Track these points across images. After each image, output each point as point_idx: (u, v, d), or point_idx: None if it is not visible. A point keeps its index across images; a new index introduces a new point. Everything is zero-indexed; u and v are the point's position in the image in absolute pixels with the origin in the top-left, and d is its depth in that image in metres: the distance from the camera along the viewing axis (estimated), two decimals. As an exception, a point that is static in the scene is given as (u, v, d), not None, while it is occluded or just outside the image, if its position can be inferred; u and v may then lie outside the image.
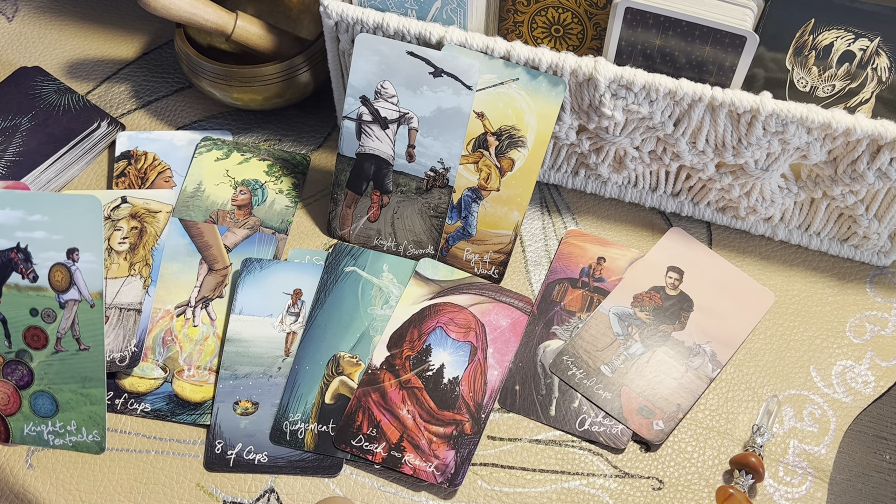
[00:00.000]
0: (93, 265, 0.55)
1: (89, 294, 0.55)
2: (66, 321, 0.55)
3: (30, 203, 0.54)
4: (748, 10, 0.61)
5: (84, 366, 0.56)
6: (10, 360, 0.55)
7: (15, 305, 0.55)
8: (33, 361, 0.55)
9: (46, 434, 0.57)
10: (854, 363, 0.69)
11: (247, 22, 0.77)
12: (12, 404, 0.56)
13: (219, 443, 0.65)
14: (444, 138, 0.68)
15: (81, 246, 0.55)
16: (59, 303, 0.55)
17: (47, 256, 0.54)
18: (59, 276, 0.55)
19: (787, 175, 0.70)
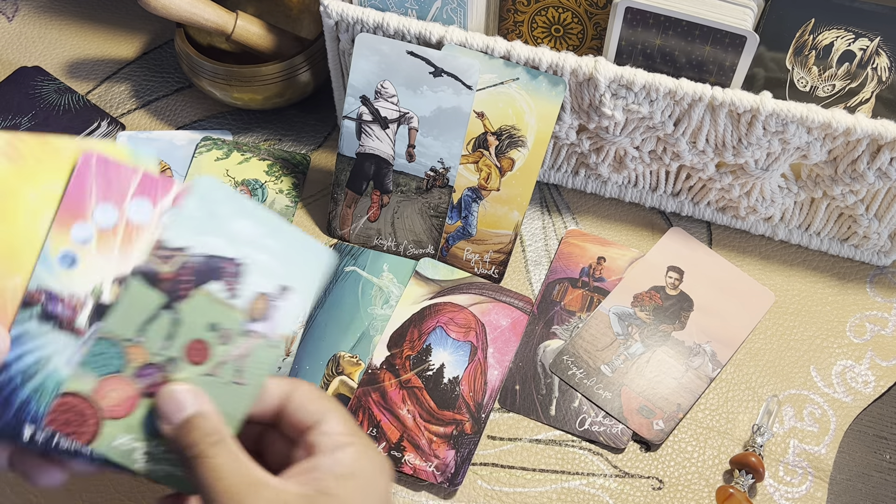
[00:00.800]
0: (295, 310, 0.50)
1: (277, 335, 0.50)
2: (239, 349, 0.49)
3: (272, 228, 0.50)
4: (748, 9, 0.61)
5: (228, 400, 0.49)
6: (153, 364, 0.48)
7: (198, 312, 0.48)
8: (177, 373, 0.48)
9: (138, 453, 0.49)
10: (854, 363, 0.69)
11: (247, 21, 0.77)
12: (123, 409, 0.48)
13: (219, 442, 0.64)
14: (445, 138, 0.68)
15: (296, 288, 0.50)
16: (243, 329, 0.49)
17: (257, 282, 0.49)
18: (259, 304, 0.49)
19: (787, 175, 0.70)
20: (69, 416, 0.48)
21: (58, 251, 0.47)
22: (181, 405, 0.48)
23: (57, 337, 0.48)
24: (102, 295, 0.48)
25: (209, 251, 0.49)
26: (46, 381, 0.48)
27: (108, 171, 0.48)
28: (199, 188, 0.48)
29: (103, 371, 0.48)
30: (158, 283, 0.48)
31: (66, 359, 0.48)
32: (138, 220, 0.48)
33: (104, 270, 0.48)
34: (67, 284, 0.47)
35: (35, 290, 0.47)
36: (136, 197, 0.48)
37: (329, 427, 0.48)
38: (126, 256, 0.48)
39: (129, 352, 0.48)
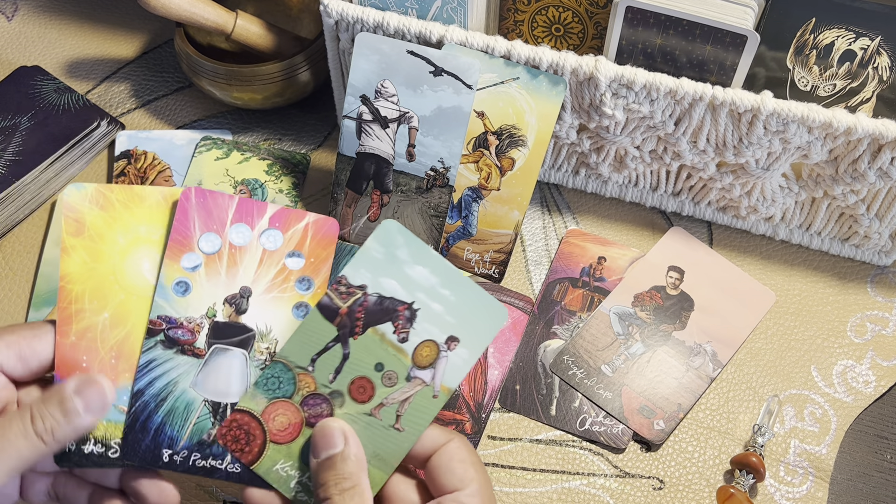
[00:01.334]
0: (461, 363, 0.51)
1: (440, 385, 0.51)
2: (402, 394, 0.50)
3: (450, 278, 0.51)
4: (749, 9, 0.61)
5: (385, 444, 0.50)
6: (319, 395, 0.50)
7: (367, 351, 0.50)
8: (340, 408, 0.50)
9: (294, 483, 0.50)
10: (855, 363, 0.69)
11: (247, 21, 0.77)
12: (288, 434, 0.50)
13: (219, 443, 0.65)
14: (445, 137, 0.68)
15: (465, 342, 0.51)
16: (408, 375, 0.50)
17: (428, 329, 0.50)
18: (427, 352, 0.51)
19: (787, 174, 0.70)
20: (239, 433, 0.50)
21: (172, 280, 0.52)
22: (330, 442, 0.49)
23: (181, 360, 0.51)
24: (217, 315, 0.52)
25: (385, 292, 0.51)
26: (177, 404, 0.51)
27: (206, 203, 0.52)
28: (383, 231, 0.51)
29: (274, 394, 0.51)
30: (334, 318, 0.51)
31: (191, 381, 0.51)
32: (239, 243, 0.53)
33: (215, 293, 0.52)
34: (184, 310, 0.52)
35: (156, 318, 0.51)
36: (234, 223, 0.53)
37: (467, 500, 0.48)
38: (233, 278, 0.52)
39: (300, 379, 0.51)
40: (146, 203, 0.52)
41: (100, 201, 0.52)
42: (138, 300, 0.52)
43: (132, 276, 0.52)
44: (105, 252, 0.51)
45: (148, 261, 0.52)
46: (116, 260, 0.52)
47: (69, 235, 0.51)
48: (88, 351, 0.50)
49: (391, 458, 0.50)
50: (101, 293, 0.51)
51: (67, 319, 0.51)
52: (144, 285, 0.52)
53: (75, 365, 0.50)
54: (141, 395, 0.51)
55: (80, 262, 0.51)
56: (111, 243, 0.52)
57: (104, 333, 0.51)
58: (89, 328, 0.51)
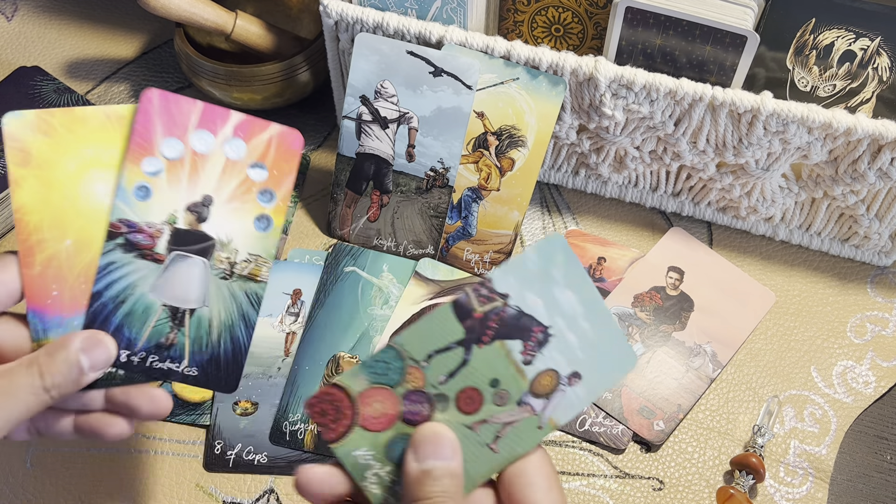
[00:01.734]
0: (576, 401, 0.48)
1: (548, 418, 0.48)
2: (509, 416, 0.47)
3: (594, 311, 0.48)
4: (749, 9, 0.61)
5: (476, 461, 0.47)
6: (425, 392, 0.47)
7: (487, 363, 0.47)
8: (441, 413, 0.47)
9: (370, 472, 0.47)
10: (855, 363, 0.69)
11: (246, 21, 0.77)
12: (379, 423, 0.47)
13: (218, 443, 0.65)
14: (444, 138, 0.68)
15: (586, 381, 0.48)
16: (521, 399, 0.47)
17: (555, 358, 0.47)
18: (547, 381, 0.48)
19: (787, 175, 0.70)
20: (328, 407, 0.47)
21: (133, 184, 0.51)
22: (440, 452, 0.46)
23: (140, 264, 0.51)
24: (178, 222, 0.52)
25: (525, 308, 0.47)
26: (136, 306, 0.51)
27: (169, 106, 0.51)
28: (548, 244, 0.47)
29: (378, 379, 0.47)
30: (466, 319, 0.47)
31: (150, 285, 0.51)
32: (202, 150, 0.51)
33: (176, 199, 0.51)
34: (144, 214, 0.51)
35: (116, 221, 0.51)
36: (197, 129, 0.51)
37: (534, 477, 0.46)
38: (194, 185, 0.52)
39: (409, 372, 0.47)
40: (89, 125, 0.51)
41: (42, 128, 0.50)
42: (99, 224, 0.51)
43: (88, 201, 0.51)
44: (56, 179, 0.50)
45: (102, 183, 0.51)
46: (69, 186, 0.51)
47: (16, 166, 0.50)
48: (57, 279, 0.50)
49: (476, 476, 0.48)
50: (60, 221, 0.51)
51: (29, 251, 0.50)
52: (102, 208, 0.51)
53: (46, 294, 0.50)
54: (99, 296, 0.51)
55: (32, 191, 0.50)
56: (61, 170, 0.51)
57: (70, 260, 0.51)
58: (53, 257, 0.50)
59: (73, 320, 0.51)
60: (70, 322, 0.51)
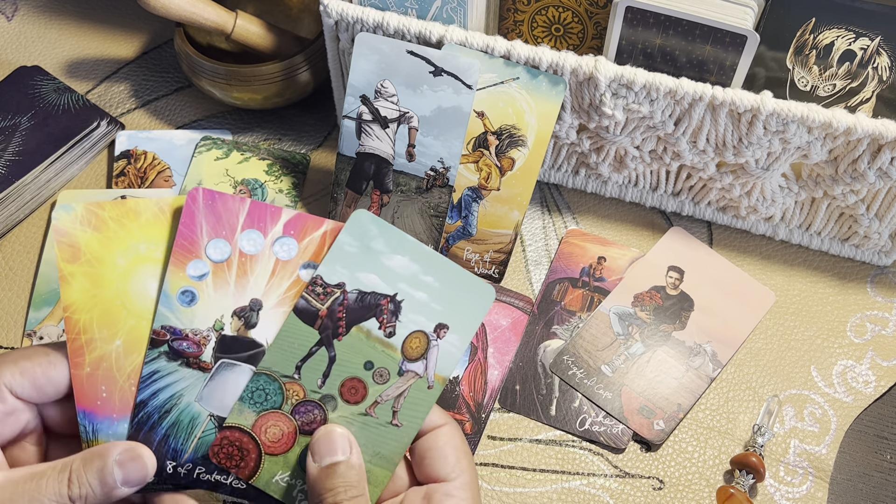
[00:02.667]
0: (453, 350, 0.49)
1: (434, 375, 0.49)
2: (396, 389, 0.49)
3: (431, 264, 0.49)
4: (749, 9, 0.61)
5: (385, 441, 0.49)
6: (309, 401, 0.49)
7: (353, 351, 0.48)
8: (333, 412, 0.48)
9: (296, 492, 0.49)
10: (855, 363, 0.69)
11: (247, 21, 0.77)
12: (281, 445, 0.49)
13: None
14: (445, 137, 0.68)
15: (454, 327, 0.49)
16: (400, 369, 0.49)
17: (414, 320, 0.48)
18: (417, 343, 0.49)
19: (787, 174, 0.70)
20: (232, 449, 0.48)
21: (177, 289, 0.49)
22: (333, 448, 0.47)
23: (185, 373, 0.49)
24: (224, 328, 0.49)
25: (365, 288, 0.49)
26: (181, 416, 0.49)
27: (215, 205, 0.49)
28: (354, 222, 0.48)
29: (263, 407, 0.49)
30: (314, 321, 0.48)
31: (197, 394, 0.49)
32: (250, 251, 0.49)
33: (223, 304, 0.49)
34: (189, 321, 0.49)
35: (160, 328, 0.49)
36: (245, 229, 0.49)
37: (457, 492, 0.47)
38: (242, 289, 0.49)
39: (287, 388, 0.49)
40: (142, 218, 0.49)
41: (92, 221, 0.48)
42: (149, 324, 0.49)
43: (139, 299, 0.49)
44: (106, 276, 0.48)
45: (153, 280, 0.49)
46: (119, 283, 0.48)
47: (65, 262, 0.48)
48: (106, 380, 0.48)
49: (393, 455, 0.49)
50: (110, 320, 0.48)
51: (79, 350, 0.48)
52: (153, 307, 0.49)
53: (95, 395, 0.48)
54: (144, 405, 0.49)
55: (81, 289, 0.48)
56: (111, 266, 0.48)
57: (119, 361, 0.49)
58: (103, 357, 0.48)
59: (123, 422, 0.49)
60: (121, 424, 0.49)
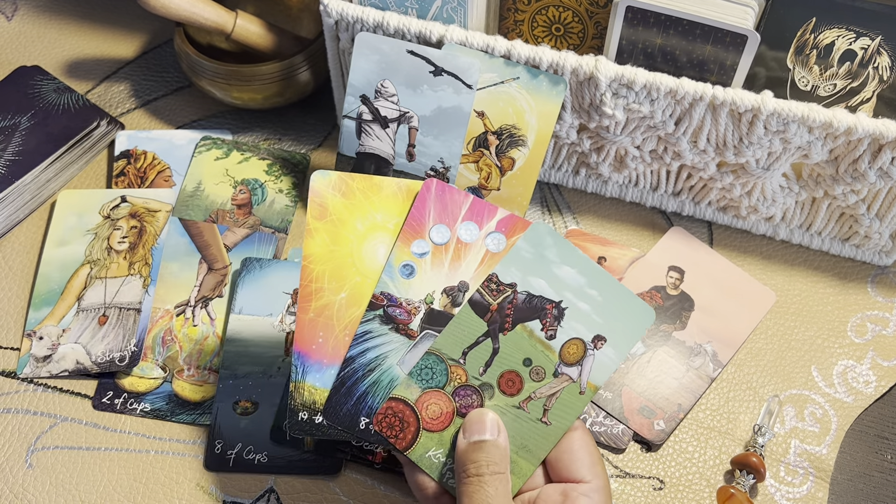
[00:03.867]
0: (608, 361, 0.53)
1: (587, 382, 0.53)
2: (550, 389, 0.53)
3: (597, 278, 0.53)
4: (749, 8, 0.61)
5: (532, 435, 0.52)
6: (469, 386, 0.53)
7: (515, 346, 0.53)
8: (489, 400, 0.53)
9: (445, 469, 0.53)
10: (855, 363, 0.69)
11: (247, 21, 0.77)
12: (439, 423, 0.53)
13: (218, 443, 0.64)
14: (445, 137, 0.68)
15: (611, 341, 0.53)
16: (556, 371, 0.53)
17: (575, 328, 0.53)
18: (574, 349, 0.53)
19: (788, 174, 0.70)
20: (394, 420, 0.53)
21: (400, 262, 0.55)
22: (483, 427, 0.51)
23: (394, 337, 0.54)
24: (434, 303, 0.54)
25: (534, 291, 0.53)
26: (382, 377, 0.54)
27: (444, 196, 0.55)
28: (533, 232, 0.54)
29: (428, 384, 0.53)
30: (485, 314, 0.53)
31: (399, 358, 0.54)
32: (466, 240, 0.55)
33: (436, 282, 0.55)
34: (405, 291, 0.54)
35: (379, 293, 0.54)
36: (465, 220, 0.55)
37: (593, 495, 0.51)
38: (454, 271, 0.55)
39: (452, 371, 0.53)
40: (384, 192, 0.55)
41: (342, 188, 0.55)
42: (372, 283, 0.54)
43: (368, 261, 0.55)
44: (345, 236, 0.55)
45: (383, 247, 0.55)
46: (354, 244, 0.55)
47: (314, 219, 0.54)
48: (325, 327, 0.54)
49: (538, 451, 0.53)
50: (340, 274, 0.54)
51: (308, 296, 0.54)
52: (379, 270, 0.55)
53: (312, 339, 0.54)
54: (352, 361, 0.53)
55: (321, 244, 0.54)
56: (351, 228, 0.55)
57: (340, 312, 0.54)
58: (327, 306, 0.54)
59: (331, 369, 0.53)
60: (328, 370, 0.53)
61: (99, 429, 0.66)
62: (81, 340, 0.69)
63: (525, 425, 0.53)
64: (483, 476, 0.49)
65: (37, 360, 0.68)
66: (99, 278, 0.71)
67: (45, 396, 0.67)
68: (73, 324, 0.70)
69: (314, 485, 0.64)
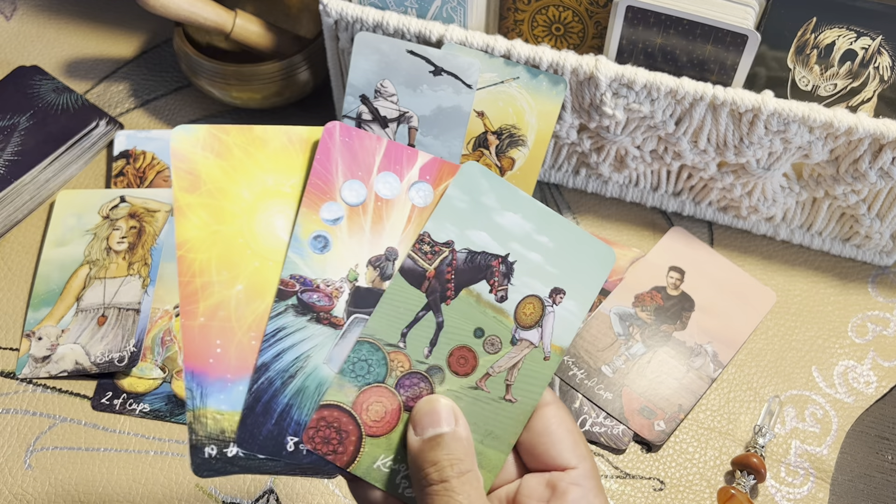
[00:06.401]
0: (571, 317, 0.44)
1: (550, 345, 0.44)
2: (509, 360, 0.44)
3: (545, 222, 0.44)
4: (749, 8, 0.61)
5: (498, 419, 0.43)
6: (415, 373, 0.43)
7: (462, 316, 0.43)
8: (441, 385, 0.43)
9: (400, 477, 0.43)
10: (856, 363, 0.69)
11: (246, 20, 0.76)
12: (385, 425, 0.43)
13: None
14: (445, 137, 0.68)
15: (571, 292, 0.44)
16: (513, 338, 0.44)
17: (528, 283, 0.44)
18: (531, 309, 0.44)
19: (788, 174, 0.69)
20: (329, 432, 0.43)
21: (309, 233, 0.43)
22: (437, 417, 0.42)
23: (315, 329, 0.43)
24: (359, 279, 0.44)
25: (475, 247, 0.44)
26: (307, 382, 0.43)
27: (352, 143, 0.44)
28: (465, 176, 0.44)
29: (365, 380, 0.43)
30: (421, 283, 0.44)
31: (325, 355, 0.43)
32: (386, 195, 0.44)
33: (357, 252, 0.44)
34: (321, 270, 0.43)
35: (288, 278, 0.43)
36: (381, 171, 0.44)
37: (584, 482, 0.42)
38: (378, 236, 0.44)
39: (392, 358, 0.44)
40: (270, 146, 0.43)
41: (214, 147, 0.42)
42: (276, 266, 0.43)
43: (265, 238, 0.43)
44: (229, 210, 0.43)
45: (281, 218, 0.43)
46: (244, 219, 0.43)
47: (182, 192, 0.42)
48: (222, 333, 0.42)
49: (507, 435, 0.44)
50: (231, 261, 0.42)
51: (192, 297, 0.42)
52: (281, 248, 0.43)
53: (207, 352, 0.42)
54: (265, 369, 0.42)
55: (199, 224, 0.42)
56: (235, 198, 0.43)
57: (239, 310, 0.42)
58: (221, 304, 0.42)
59: (239, 384, 0.42)
60: (234, 387, 0.42)
61: (98, 429, 0.66)
62: (80, 341, 0.69)
63: (487, 407, 0.44)
64: (448, 480, 0.40)
65: (36, 360, 0.68)
66: (98, 279, 0.71)
67: (44, 397, 0.67)
68: (73, 324, 0.69)
69: (313, 485, 0.64)
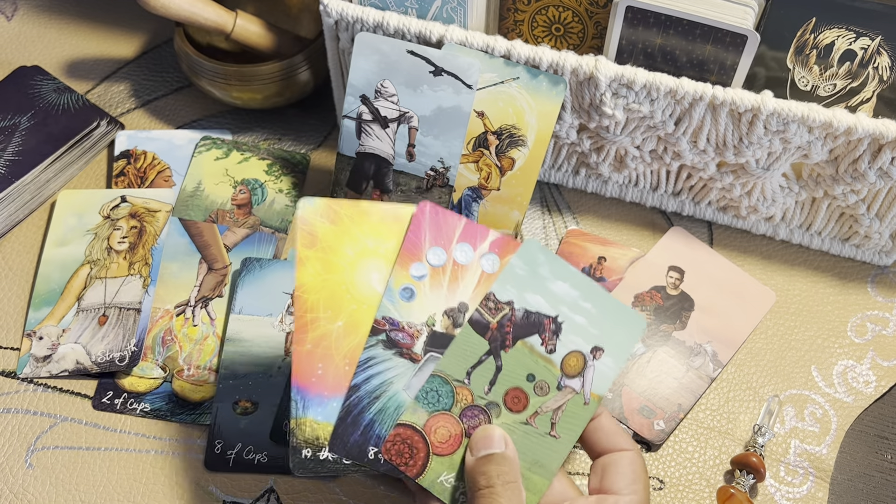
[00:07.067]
0: (608, 371, 0.54)
1: (589, 392, 0.54)
2: (555, 402, 0.54)
3: (589, 292, 0.55)
4: (749, 8, 0.61)
5: (543, 450, 0.53)
6: (476, 406, 0.53)
7: (518, 363, 0.54)
8: (497, 419, 0.53)
9: (459, 493, 0.52)
10: (855, 363, 0.69)
11: (246, 21, 0.77)
12: (449, 446, 0.53)
13: (218, 443, 0.64)
14: (445, 137, 0.68)
15: (609, 351, 0.54)
16: (559, 384, 0.54)
17: (573, 340, 0.54)
18: (574, 361, 0.54)
19: (788, 174, 0.70)
20: (403, 447, 0.52)
21: (400, 285, 0.54)
22: (490, 441, 0.52)
23: (398, 362, 0.54)
24: (435, 325, 0.54)
25: (531, 307, 0.54)
26: (388, 403, 0.53)
27: (438, 219, 0.55)
28: (525, 250, 0.55)
29: (435, 407, 0.53)
30: (485, 332, 0.54)
31: (405, 383, 0.53)
32: (462, 261, 0.55)
33: (436, 304, 0.55)
34: (407, 314, 0.54)
35: (381, 318, 0.54)
36: (459, 241, 0.55)
37: (624, 468, 0.52)
38: (453, 292, 0.55)
39: (458, 392, 0.53)
40: (372, 218, 0.55)
41: (330, 216, 0.54)
42: (369, 310, 0.54)
43: (362, 287, 0.54)
44: (336, 263, 0.54)
45: (376, 272, 0.54)
46: (347, 271, 0.54)
47: (304, 247, 0.54)
48: (324, 358, 0.53)
49: (551, 465, 0.53)
50: (335, 303, 0.53)
51: (304, 327, 0.53)
52: (373, 296, 0.54)
53: (311, 371, 0.53)
54: (357, 389, 0.53)
55: (314, 272, 0.54)
56: (342, 255, 0.54)
57: (338, 341, 0.53)
58: (324, 336, 0.53)
59: (334, 401, 0.52)
60: (330, 402, 0.52)
61: (99, 429, 0.66)
62: (81, 340, 0.69)
63: (535, 440, 0.53)
64: (494, 487, 0.49)
65: (37, 360, 0.68)
66: (99, 278, 0.71)
67: (45, 396, 0.67)
68: (73, 324, 0.70)
69: (314, 485, 0.64)
